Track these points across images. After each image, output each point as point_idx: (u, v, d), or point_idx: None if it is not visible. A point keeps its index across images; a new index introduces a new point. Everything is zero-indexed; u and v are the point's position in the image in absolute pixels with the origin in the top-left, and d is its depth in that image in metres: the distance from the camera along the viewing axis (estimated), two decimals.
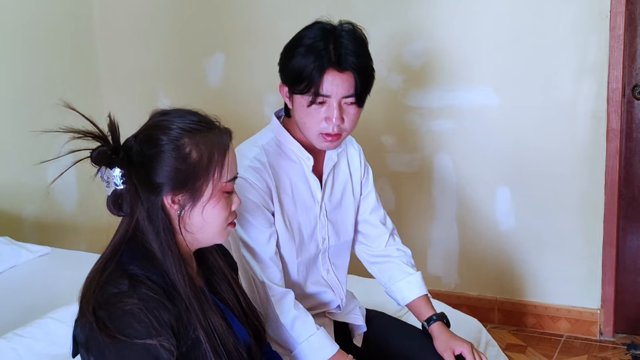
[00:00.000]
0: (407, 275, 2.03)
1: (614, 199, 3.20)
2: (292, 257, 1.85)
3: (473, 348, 1.88)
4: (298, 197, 1.87)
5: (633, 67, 3.14)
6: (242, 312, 1.53)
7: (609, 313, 3.31)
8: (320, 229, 1.91)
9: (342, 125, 1.76)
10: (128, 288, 1.30)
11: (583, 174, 3.24)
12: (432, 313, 1.97)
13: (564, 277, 3.37)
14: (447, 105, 3.43)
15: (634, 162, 3.22)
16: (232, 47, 3.85)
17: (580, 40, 3.13)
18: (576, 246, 3.32)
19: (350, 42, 1.74)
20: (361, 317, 2.01)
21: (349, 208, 2.00)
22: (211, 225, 1.42)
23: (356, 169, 2.03)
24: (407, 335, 1.98)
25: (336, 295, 1.96)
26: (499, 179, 3.41)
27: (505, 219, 3.44)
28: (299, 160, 1.87)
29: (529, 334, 3.42)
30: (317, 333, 1.75)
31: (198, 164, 1.37)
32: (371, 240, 2.07)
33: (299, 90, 1.74)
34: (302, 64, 1.73)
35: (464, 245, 3.55)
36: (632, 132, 3.20)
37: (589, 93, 3.16)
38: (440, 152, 3.50)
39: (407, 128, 3.55)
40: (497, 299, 3.52)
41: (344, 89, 1.73)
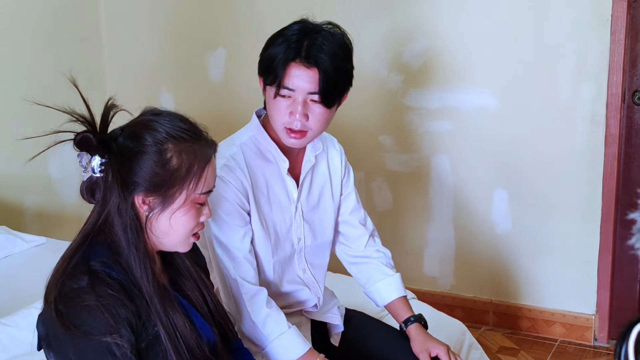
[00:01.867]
0: (386, 277, 2.04)
1: (611, 204, 3.18)
2: (267, 256, 1.85)
3: (449, 350, 1.89)
4: (273, 197, 1.87)
5: (634, 72, 3.11)
6: (208, 310, 1.53)
7: (603, 319, 3.29)
8: (296, 229, 1.91)
9: (306, 122, 1.76)
10: (87, 284, 1.32)
11: (581, 178, 3.22)
12: (409, 314, 1.97)
13: (560, 281, 3.35)
14: (445, 106, 3.42)
15: (633, 167, 3.19)
16: (234, 42, 3.86)
17: (581, 44, 3.11)
18: (572, 251, 3.30)
19: (326, 41, 1.74)
20: (339, 316, 2.01)
21: (328, 209, 2.00)
22: (176, 232, 1.43)
23: (336, 170, 2.02)
24: (385, 336, 1.99)
25: (313, 293, 1.96)
26: (496, 181, 3.40)
27: (502, 222, 3.42)
28: (275, 161, 1.87)
29: (522, 337, 3.41)
30: (288, 331, 1.76)
31: (176, 172, 1.38)
32: (351, 241, 2.07)
33: (268, 81, 1.77)
34: (273, 54, 1.75)
35: (460, 247, 3.54)
36: (631, 137, 3.17)
37: (588, 97, 3.14)
38: (438, 153, 3.49)
39: (405, 128, 3.54)
40: (492, 301, 3.51)
41: (309, 85, 1.73)
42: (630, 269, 3.28)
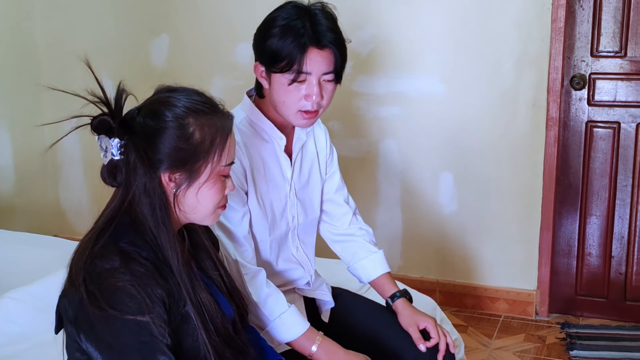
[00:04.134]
0: (370, 254, 2.09)
1: (551, 185, 3.35)
2: (264, 235, 1.88)
3: (436, 323, 1.96)
4: (270, 176, 1.89)
5: (572, 58, 3.28)
6: (226, 289, 1.55)
7: (544, 294, 3.47)
8: (290, 207, 1.94)
9: (320, 102, 1.80)
10: (120, 264, 1.30)
11: (523, 160, 3.37)
12: (395, 290, 2.03)
13: (503, 259, 3.50)
14: (393, 92, 3.51)
15: (570, 150, 3.37)
16: (177, 29, 3.83)
17: (523, 31, 3.25)
18: (515, 230, 3.45)
19: (324, 19, 1.78)
20: (329, 293, 2.05)
21: (316, 187, 2.04)
22: (204, 206, 1.43)
23: (322, 149, 2.07)
24: (373, 312, 2.04)
25: (306, 271, 2.00)
26: (442, 164, 3.51)
27: (448, 204, 3.54)
28: (271, 140, 1.89)
29: (469, 314, 3.54)
30: (288, 311, 1.79)
31: (200, 145, 1.38)
32: (335, 219, 2.12)
33: (279, 69, 1.76)
34: (280, 44, 1.74)
35: (407, 229, 3.65)
36: (569, 121, 3.35)
37: (530, 83, 3.29)
38: (386, 138, 3.58)
39: (354, 114, 3.60)
40: (439, 281, 3.63)
41: (324, 66, 1.76)
42: (568, 247, 3.46)
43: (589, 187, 3.38)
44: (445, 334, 1.94)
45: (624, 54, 3.20)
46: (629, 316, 3.40)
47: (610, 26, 3.20)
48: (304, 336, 1.78)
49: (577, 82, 3.27)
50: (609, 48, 3.23)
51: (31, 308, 2.17)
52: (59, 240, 3.16)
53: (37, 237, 3.19)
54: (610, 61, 3.24)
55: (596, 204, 3.38)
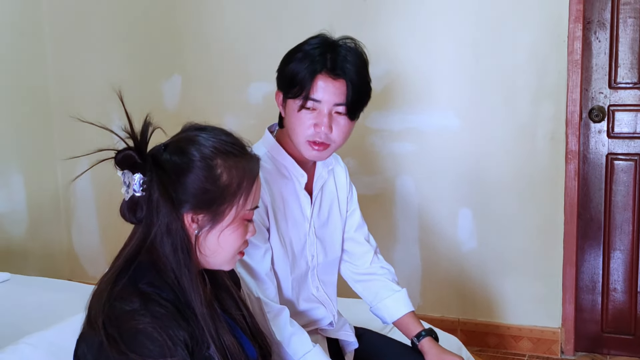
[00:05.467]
0: (393, 293, 2.03)
1: (573, 219, 3.28)
2: (286, 274, 1.82)
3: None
4: (290, 214, 1.85)
5: (589, 90, 3.24)
6: (249, 330, 1.49)
7: (569, 332, 3.37)
8: (309, 246, 1.89)
9: (330, 135, 1.76)
10: (140, 305, 1.25)
11: (543, 194, 3.31)
12: (420, 329, 1.97)
13: (526, 297, 3.42)
14: (408, 127, 3.47)
15: (590, 183, 3.31)
16: (189, 69, 3.82)
17: (539, 64, 3.22)
18: (537, 266, 3.38)
19: (348, 53, 1.76)
20: (352, 333, 1.99)
21: (337, 226, 1.99)
22: (224, 251, 1.38)
23: (342, 187, 2.02)
24: (399, 352, 1.98)
25: (328, 311, 1.94)
26: (460, 200, 3.45)
27: (467, 240, 3.47)
28: (291, 177, 1.85)
29: (492, 354, 3.45)
30: (313, 350, 1.72)
31: (227, 188, 1.34)
32: (356, 259, 2.06)
33: (292, 94, 1.75)
34: (297, 68, 1.74)
35: (426, 267, 3.57)
36: (588, 154, 3.29)
37: (548, 116, 3.24)
38: (401, 175, 3.53)
39: (368, 150, 3.56)
40: (460, 319, 3.55)
41: (335, 97, 1.73)
42: (592, 283, 3.38)
43: (612, 221, 3.31)
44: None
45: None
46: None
47: (627, 57, 3.16)
48: None
49: (596, 114, 3.23)
50: (627, 79, 3.19)
51: (47, 354, 2.11)
52: (73, 283, 3.11)
53: (50, 281, 3.13)
54: (629, 92, 3.19)
55: (620, 238, 3.31)
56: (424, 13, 3.36)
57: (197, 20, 3.79)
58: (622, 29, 3.15)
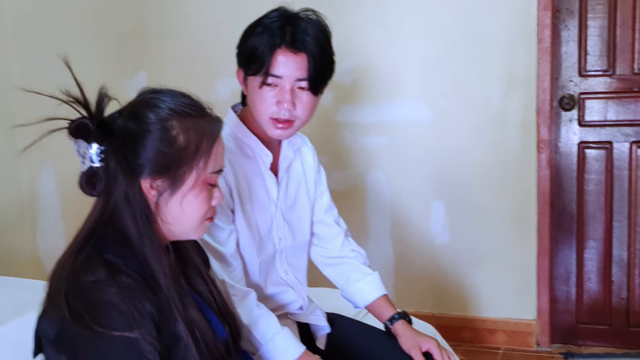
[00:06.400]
0: (365, 276, 1.98)
1: (546, 209, 3.25)
2: (253, 256, 1.76)
3: (439, 344, 1.84)
4: (255, 195, 1.79)
5: (559, 79, 3.22)
6: (218, 309, 1.42)
7: (544, 323, 3.34)
8: (277, 229, 1.83)
9: (293, 111, 1.70)
10: (105, 276, 1.19)
11: (515, 185, 3.28)
12: (393, 312, 1.92)
13: (500, 289, 3.38)
14: (379, 120, 3.43)
15: (562, 172, 3.28)
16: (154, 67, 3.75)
17: (510, 53, 3.19)
18: (511, 258, 3.34)
19: (309, 25, 1.70)
20: (323, 317, 1.93)
21: (304, 208, 1.93)
22: (189, 217, 1.31)
23: (310, 168, 1.97)
24: (372, 336, 1.92)
25: (297, 294, 1.87)
26: (432, 193, 3.41)
27: (440, 234, 3.43)
28: (255, 157, 1.79)
29: (467, 348, 3.40)
30: (282, 333, 1.66)
31: (185, 150, 1.28)
32: (326, 242, 2.01)
33: (252, 70, 1.69)
34: (255, 43, 1.68)
35: (399, 262, 3.52)
36: (559, 143, 3.27)
37: (519, 105, 3.22)
38: (373, 169, 3.48)
39: (339, 145, 3.51)
40: (434, 314, 3.49)
41: (297, 71, 1.67)
42: (566, 274, 3.35)
43: (585, 210, 3.28)
44: (449, 356, 1.82)
45: (613, 72, 3.15)
46: (633, 343, 3.27)
47: (597, 45, 3.15)
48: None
49: (567, 102, 3.21)
50: (597, 67, 3.17)
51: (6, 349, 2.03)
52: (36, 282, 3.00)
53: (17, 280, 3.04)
54: (599, 80, 3.18)
55: (593, 227, 3.28)
56: (392, 5, 3.32)
57: (162, 17, 3.72)
58: (591, 17, 3.14)
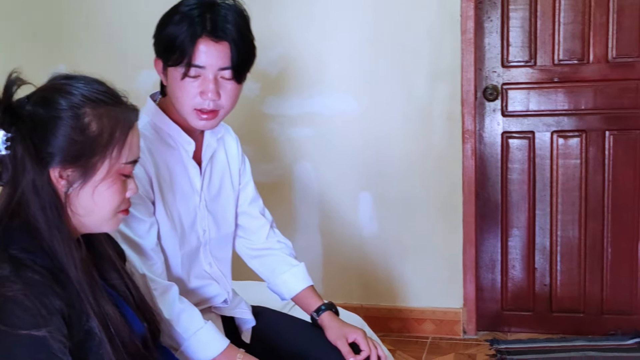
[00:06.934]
0: (291, 267, 1.96)
1: (471, 199, 3.29)
2: (175, 249, 1.71)
3: (365, 335, 1.83)
4: (177, 186, 1.73)
5: (483, 70, 3.26)
6: (135, 304, 1.37)
7: (471, 311, 3.38)
8: (200, 220, 1.78)
9: (218, 101, 1.66)
10: (10, 272, 1.13)
11: (441, 175, 3.31)
12: (320, 303, 1.90)
13: (427, 279, 3.41)
14: (306, 112, 3.40)
15: (487, 162, 3.33)
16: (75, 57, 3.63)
17: (434, 43, 3.21)
18: (438, 247, 3.37)
19: (228, 12, 1.65)
20: (249, 311, 1.89)
21: (229, 199, 1.89)
22: (101, 209, 1.26)
23: (234, 158, 1.93)
24: (297, 328, 1.89)
25: (222, 288, 1.83)
26: (360, 184, 3.41)
27: (368, 225, 3.43)
28: (177, 146, 1.74)
29: (395, 338, 3.41)
30: (205, 327, 1.62)
31: (97, 139, 1.22)
32: (251, 233, 1.97)
33: (172, 61, 1.63)
34: (174, 32, 1.62)
35: (328, 254, 3.51)
36: (484, 133, 3.31)
37: (444, 96, 3.24)
38: (300, 160, 3.45)
39: (265, 137, 3.47)
40: (363, 305, 3.50)
41: (219, 61, 1.63)
42: (491, 262, 3.40)
43: (509, 199, 3.33)
44: (376, 346, 1.81)
45: (534, 63, 3.20)
46: (555, 328, 3.35)
47: (518, 36, 3.20)
48: (224, 354, 1.61)
49: (490, 93, 3.25)
50: (519, 58, 3.22)
51: None
52: None
53: None
54: (521, 71, 3.23)
55: (517, 216, 3.34)
56: None
57: (83, 8, 3.60)
58: (513, 8, 3.19)
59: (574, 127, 3.23)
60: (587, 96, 3.19)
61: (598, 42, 3.13)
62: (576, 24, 3.13)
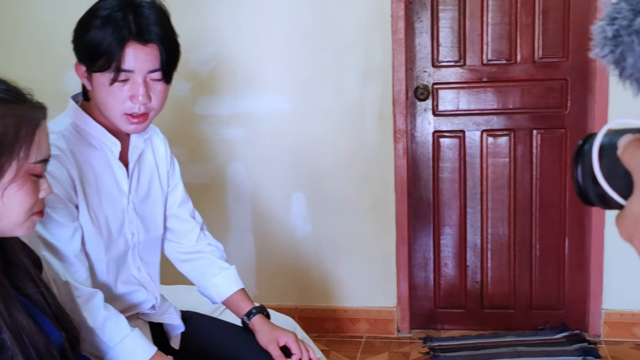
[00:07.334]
0: (222, 270, 1.93)
1: (404, 198, 3.31)
2: (100, 254, 1.66)
3: (296, 338, 1.81)
4: (103, 188, 1.68)
5: (414, 69, 3.28)
6: (52, 313, 1.32)
7: (404, 310, 3.40)
8: (129, 224, 1.74)
9: (149, 104, 1.62)
10: None
11: (374, 175, 3.32)
12: (251, 306, 1.88)
13: (362, 278, 3.41)
14: (238, 112, 3.37)
15: (419, 161, 3.36)
16: None
17: (366, 43, 3.22)
18: (371, 247, 3.38)
19: (151, 12, 1.61)
20: (178, 316, 1.85)
21: (158, 201, 1.85)
22: (12, 212, 1.21)
23: (162, 159, 1.89)
24: (228, 333, 1.86)
25: (149, 293, 1.79)
26: (293, 184, 3.39)
27: (301, 225, 3.42)
28: (102, 147, 1.69)
29: (330, 338, 3.41)
30: (131, 334, 1.58)
31: (1, 139, 1.17)
32: (181, 237, 1.93)
33: (97, 67, 1.58)
34: (99, 37, 1.56)
35: (261, 255, 3.49)
36: (416, 132, 3.34)
37: (376, 95, 3.25)
38: (233, 161, 3.42)
39: (197, 138, 3.42)
40: (297, 306, 3.48)
41: (148, 63, 1.59)
42: (424, 260, 3.43)
43: (440, 198, 3.37)
44: (307, 349, 1.80)
45: (464, 62, 3.24)
46: (487, 324, 3.40)
47: (448, 36, 3.24)
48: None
49: (421, 92, 3.27)
50: (449, 58, 3.26)
51: None
52: None
53: None
54: (451, 70, 3.27)
55: (448, 214, 3.38)
56: None
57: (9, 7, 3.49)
58: (442, 9, 3.22)
59: (503, 126, 3.28)
60: (514, 96, 3.24)
61: (525, 42, 3.18)
62: (503, 24, 3.19)
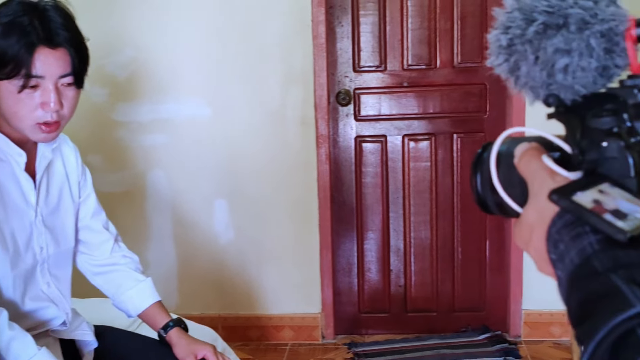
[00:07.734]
0: (137, 283, 1.86)
1: (327, 203, 3.29)
2: (5, 270, 1.58)
3: (215, 350, 1.77)
4: (8, 201, 1.60)
5: (336, 74, 3.27)
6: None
7: (329, 316, 3.39)
8: (37, 237, 1.66)
9: (61, 111, 1.55)
10: None
11: (297, 180, 3.30)
12: (168, 319, 1.82)
13: (286, 285, 3.39)
14: (158, 118, 3.30)
15: (342, 166, 3.35)
16: None
17: (287, 48, 3.20)
18: (295, 253, 3.35)
19: (57, 16, 1.54)
20: (90, 332, 1.78)
21: (68, 212, 1.78)
22: None
23: (73, 169, 1.81)
24: (143, 347, 1.80)
25: (60, 310, 1.71)
26: (215, 191, 3.34)
27: (224, 232, 3.37)
28: (6, 158, 1.61)
29: (254, 347, 3.37)
30: (38, 354, 1.50)
31: None
32: (94, 249, 1.86)
33: (4, 74, 1.50)
34: (4, 44, 1.49)
35: (183, 263, 3.42)
36: (338, 137, 3.33)
37: (297, 100, 3.23)
38: (153, 168, 3.34)
39: (115, 145, 3.33)
40: (220, 315, 3.43)
41: (59, 68, 1.52)
42: (348, 265, 3.42)
43: (363, 203, 3.37)
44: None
45: (384, 68, 3.25)
46: (410, 327, 3.42)
47: (369, 41, 3.24)
48: None
49: (343, 97, 3.27)
50: (370, 63, 3.27)
51: None
52: None
53: None
54: (372, 75, 3.27)
55: (371, 219, 3.38)
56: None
57: None
58: (363, 14, 3.23)
59: (424, 130, 3.31)
60: (435, 100, 3.27)
61: (444, 47, 3.22)
62: (423, 29, 3.21)
